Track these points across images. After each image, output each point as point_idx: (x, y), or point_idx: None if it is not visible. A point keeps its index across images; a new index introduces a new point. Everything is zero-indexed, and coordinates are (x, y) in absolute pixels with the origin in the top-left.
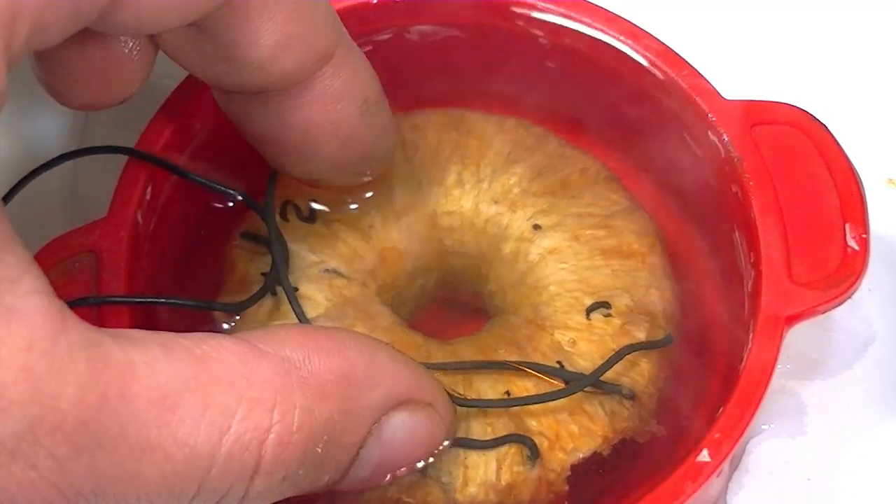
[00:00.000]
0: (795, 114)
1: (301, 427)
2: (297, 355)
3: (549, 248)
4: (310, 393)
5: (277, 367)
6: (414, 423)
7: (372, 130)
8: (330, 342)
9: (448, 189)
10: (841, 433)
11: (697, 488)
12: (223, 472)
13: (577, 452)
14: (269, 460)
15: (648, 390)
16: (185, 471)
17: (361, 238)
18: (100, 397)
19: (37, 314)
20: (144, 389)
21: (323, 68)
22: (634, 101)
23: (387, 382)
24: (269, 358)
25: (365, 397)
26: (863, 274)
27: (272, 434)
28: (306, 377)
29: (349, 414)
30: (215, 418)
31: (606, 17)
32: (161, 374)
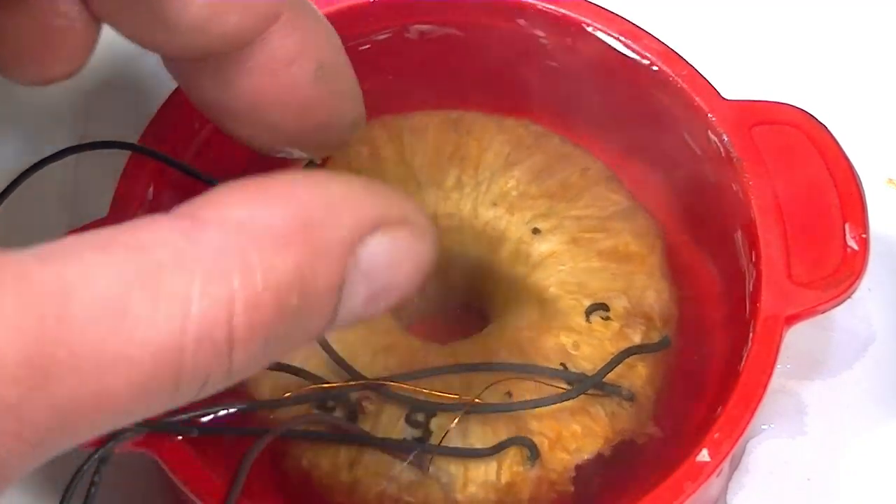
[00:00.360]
0: (795, 114)
1: (267, 285)
2: (242, 213)
3: (547, 251)
4: (266, 248)
5: (225, 233)
6: (392, 244)
7: (331, 98)
8: (276, 189)
9: (447, 192)
10: (841, 433)
11: (697, 488)
12: (197, 358)
13: (580, 453)
14: (242, 329)
15: (646, 392)
16: (155, 371)
17: None
18: (36, 328)
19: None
20: (86, 304)
21: (270, 29)
22: (634, 101)
23: (349, 212)
24: (214, 225)
25: (329, 235)
26: (862, 274)
27: (237, 302)
28: (259, 233)
29: (317, 256)
30: (171, 307)
31: (606, 17)
32: (99, 281)
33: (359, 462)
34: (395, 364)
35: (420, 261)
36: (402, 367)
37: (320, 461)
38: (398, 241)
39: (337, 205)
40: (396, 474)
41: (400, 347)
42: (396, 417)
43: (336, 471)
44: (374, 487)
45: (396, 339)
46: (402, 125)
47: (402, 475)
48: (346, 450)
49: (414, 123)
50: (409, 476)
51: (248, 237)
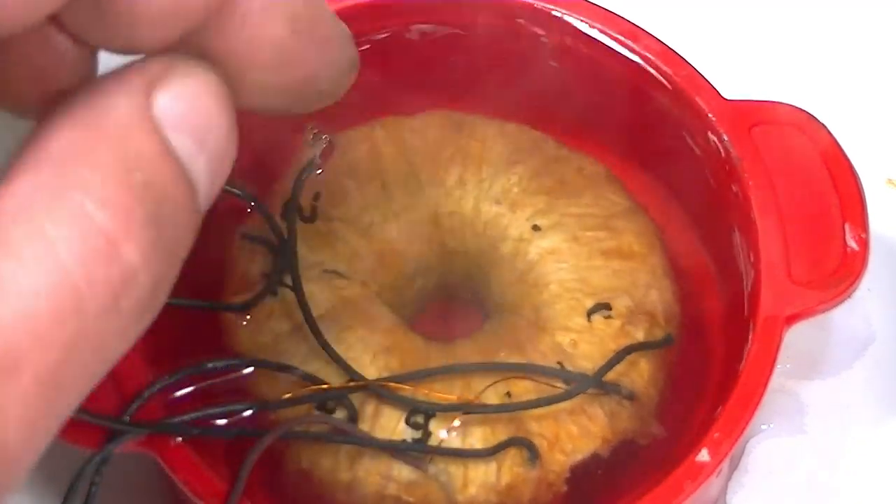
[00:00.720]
0: (795, 114)
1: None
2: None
3: (548, 248)
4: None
5: None
6: (181, 88)
7: (314, 48)
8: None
9: (449, 190)
10: (841, 433)
11: (697, 488)
12: (88, 289)
13: (576, 454)
14: (112, 226)
15: (648, 391)
16: (52, 322)
17: (361, 238)
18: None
19: None
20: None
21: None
22: (634, 101)
23: (116, 88)
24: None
25: (114, 115)
26: (862, 274)
27: (89, 211)
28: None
29: (123, 141)
30: (36, 256)
31: (606, 17)
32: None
33: (358, 462)
34: (395, 364)
35: (212, 90)
36: (403, 367)
37: (320, 461)
38: (184, 86)
39: (105, 90)
40: (396, 474)
41: (401, 347)
42: (396, 419)
43: (336, 471)
44: (374, 487)
45: (397, 339)
46: (402, 126)
47: (402, 475)
48: (346, 450)
49: (415, 125)
50: (408, 476)
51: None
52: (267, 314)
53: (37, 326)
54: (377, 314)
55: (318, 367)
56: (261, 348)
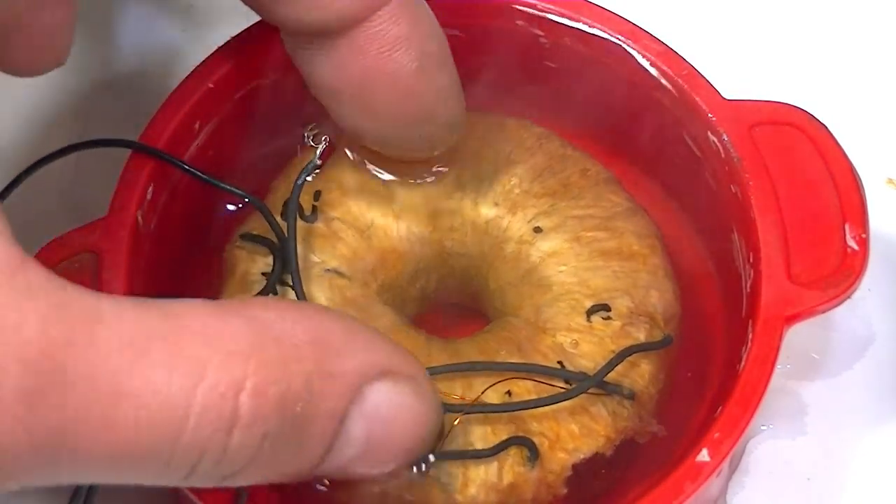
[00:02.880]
0: (795, 114)
1: (278, 380)
2: (270, 315)
3: (549, 250)
4: (286, 349)
5: (251, 325)
6: (398, 395)
7: (431, 89)
8: (304, 309)
9: (448, 190)
10: (841, 433)
11: (697, 488)
12: (200, 423)
13: (577, 453)
14: (247, 411)
15: (648, 391)
16: (159, 420)
17: (362, 238)
18: (64, 336)
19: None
20: (113, 335)
21: (378, 12)
22: (634, 102)
23: (366, 349)
24: (242, 316)
25: (342, 362)
26: (862, 274)
27: (248, 384)
28: (280, 336)
29: (327, 377)
30: (188, 367)
31: (606, 17)
32: (130, 322)
33: None
34: None
35: (421, 423)
36: None
37: None
38: (402, 395)
39: (355, 341)
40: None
41: (403, 343)
42: None
43: None
44: (375, 487)
45: (398, 338)
46: None
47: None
48: None
49: None
50: (409, 475)
51: (271, 336)
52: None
53: (136, 415)
54: (377, 314)
55: None
56: None
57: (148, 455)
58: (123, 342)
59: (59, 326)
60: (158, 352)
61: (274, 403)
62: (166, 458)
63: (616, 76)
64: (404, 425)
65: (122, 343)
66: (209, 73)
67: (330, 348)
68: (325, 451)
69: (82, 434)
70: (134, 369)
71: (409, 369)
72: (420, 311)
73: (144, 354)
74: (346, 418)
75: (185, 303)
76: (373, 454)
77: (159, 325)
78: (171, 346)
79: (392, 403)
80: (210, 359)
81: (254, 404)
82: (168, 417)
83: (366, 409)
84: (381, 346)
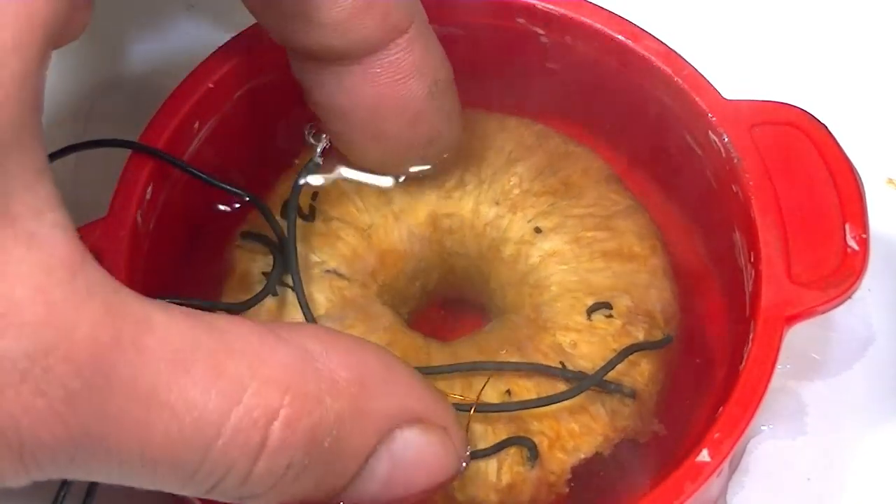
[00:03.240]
0: (795, 114)
1: (311, 414)
2: (316, 347)
3: (549, 249)
4: (324, 384)
5: (295, 354)
6: (427, 443)
7: (440, 114)
8: (350, 344)
9: (448, 191)
10: (841, 433)
11: (697, 488)
12: (229, 445)
13: (577, 452)
14: (275, 440)
15: (648, 390)
16: (191, 435)
17: (361, 238)
18: (113, 340)
19: (57, 245)
20: (159, 343)
21: (396, 40)
22: (634, 101)
23: (403, 394)
24: (288, 344)
25: (379, 403)
26: (863, 274)
27: (281, 414)
28: (322, 369)
29: (361, 415)
30: (227, 387)
31: (606, 17)
32: (178, 334)
33: None
34: None
35: (442, 472)
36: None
37: None
38: (432, 445)
39: (395, 383)
40: None
41: (401, 346)
42: None
43: None
44: None
45: (397, 338)
46: None
47: None
48: None
49: None
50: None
51: (312, 369)
52: (267, 314)
53: (168, 426)
54: (377, 314)
55: None
56: None
57: (175, 466)
58: (168, 353)
59: (111, 330)
60: (201, 369)
61: (302, 436)
62: (192, 471)
63: (616, 76)
64: (427, 472)
65: (167, 353)
66: (209, 73)
67: (368, 387)
68: (346, 485)
69: (116, 436)
70: (174, 382)
71: (442, 419)
72: (420, 309)
73: (187, 369)
74: (372, 457)
75: (235, 321)
76: (389, 492)
77: (205, 338)
78: (215, 364)
79: (419, 450)
80: (249, 383)
81: (283, 435)
82: (200, 434)
83: (393, 450)
84: (419, 391)
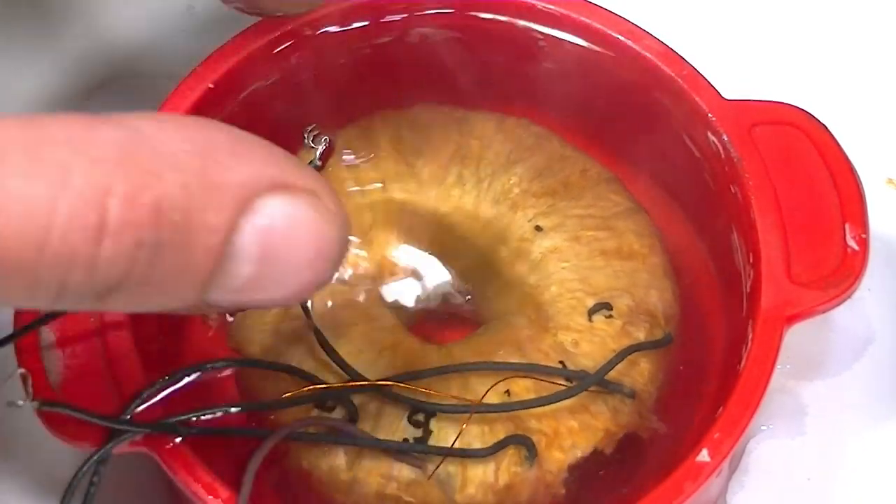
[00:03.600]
0: (795, 114)
1: (151, 188)
2: (150, 126)
3: (550, 247)
4: (162, 159)
5: (126, 134)
6: (294, 210)
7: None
8: (189, 121)
9: (448, 189)
10: (841, 433)
11: (697, 488)
12: (64, 231)
13: (575, 450)
14: (115, 218)
15: (648, 389)
16: (21, 228)
17: (362, 238)
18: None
19: None
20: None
21: None
22: (634, 101)
23: (258, 162)
24: (118, 126)
25: (231, 173)
26: (862, 274)
27: (116, 191)
28: (159, 146)
29: (212, 187)
30: (50, 172)
31: (606, 17)
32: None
33: (358, 462)
34: (395, 363)
35: (323, 239)
36: (403, 366)
37: (320, 461)
38: (301, 209)
39: (245, 151)
40: (396, 474)
41: (401, 346)
42: (397, 418)
43: (336, 470)
44: (374, 487)
45: (397, 338)
46: (402, 125)
47: (402, 475)
48: (346, 450)
49: (414, 123)
50: (408, 476)
51: (148, 146)
52: (267, 314)
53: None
54: (377, 314)
55: (317, 367)
56: (261, 348)
57: (13, 268)
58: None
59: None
60: (17, 158)
61: (146, 211)
62: (33, 270)
63: (616, 76)
64: (303, 240)
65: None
66: (209, 73)
67: (215, 158)
68: (213, 267)
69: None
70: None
71: (308, 183)
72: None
73: (2, 160)
74: (236, 232)
75: (53, 114)
76: (270, 274)
77: (20, 131)
78: (32, 152)
79: (288, 217)
80: (74, 165)
81: (123, 210)
82: (31, 227)
83: (258, 223)
84: (276, 158)
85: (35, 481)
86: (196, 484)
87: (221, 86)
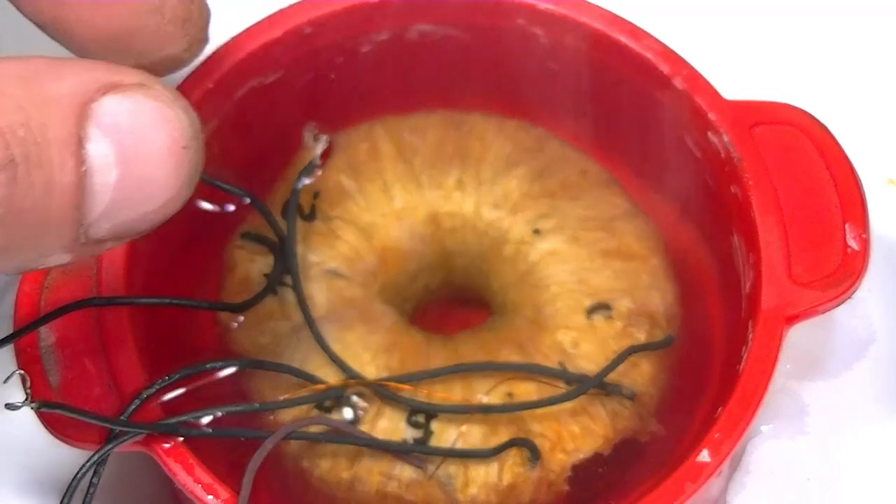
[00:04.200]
0: (795, 114)
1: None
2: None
3: (549, 249)
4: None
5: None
6: (133, 103)
7: None
8: (5, 57)
9: (448, 191)
10: (841, 433)
11: (697, 488)
12: None
13: (577, 453)
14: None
15: (649, 391)
16: None
17: (362, 237)
18: None
19: None
20: None
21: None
22: (634, 102)
23: (82, 70)
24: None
25: (59, 84)
26: (863, 274)
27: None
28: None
29: (46, 102)
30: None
31: (606, 17)
32: None
33: (359, 461)
34: (395, 363)
35: (169, 123)
36: (403, 366)
37: (320, 461)
38: (138, 102)
39: (65, 65)
40: (397, 474)
41: (401, 346)
42: (397, 418)
43: (336, 470)
44: (375, 487)
45: (397, 338)
46: (402, 125)
47: (403, 475)
48: (347, 449)
49: (414, 124)
50: (409, 476)
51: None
52: (267, 314)
53: None
54: (378, 313)
55: (317, 367)
56: (260, 349)
57: None
58: None
59: None
60: None
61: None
62: None
63: (616, 76)
64: (153, 128)
65: None
66: (209, 73)
67: (38, 76)
68: (77, 181)
69: None
70: None
71: (136, 77)
72: (421, 308)
73: None
74: (86, 139)
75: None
76: (135, 173)
77: None
78: None
79: (129, 112)
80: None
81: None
82: None
83: (104, 124)
84: (97, 64)
85: (35, 481)
86: (196, 484)
87: (221, 86)
